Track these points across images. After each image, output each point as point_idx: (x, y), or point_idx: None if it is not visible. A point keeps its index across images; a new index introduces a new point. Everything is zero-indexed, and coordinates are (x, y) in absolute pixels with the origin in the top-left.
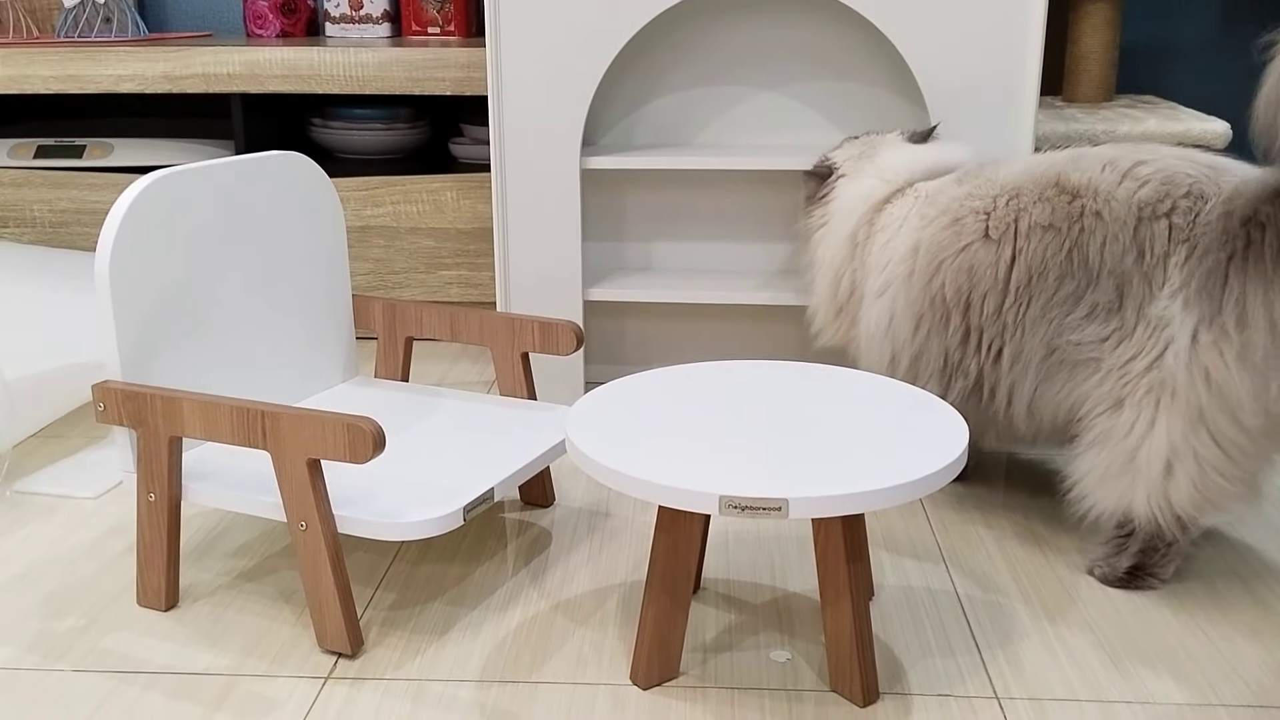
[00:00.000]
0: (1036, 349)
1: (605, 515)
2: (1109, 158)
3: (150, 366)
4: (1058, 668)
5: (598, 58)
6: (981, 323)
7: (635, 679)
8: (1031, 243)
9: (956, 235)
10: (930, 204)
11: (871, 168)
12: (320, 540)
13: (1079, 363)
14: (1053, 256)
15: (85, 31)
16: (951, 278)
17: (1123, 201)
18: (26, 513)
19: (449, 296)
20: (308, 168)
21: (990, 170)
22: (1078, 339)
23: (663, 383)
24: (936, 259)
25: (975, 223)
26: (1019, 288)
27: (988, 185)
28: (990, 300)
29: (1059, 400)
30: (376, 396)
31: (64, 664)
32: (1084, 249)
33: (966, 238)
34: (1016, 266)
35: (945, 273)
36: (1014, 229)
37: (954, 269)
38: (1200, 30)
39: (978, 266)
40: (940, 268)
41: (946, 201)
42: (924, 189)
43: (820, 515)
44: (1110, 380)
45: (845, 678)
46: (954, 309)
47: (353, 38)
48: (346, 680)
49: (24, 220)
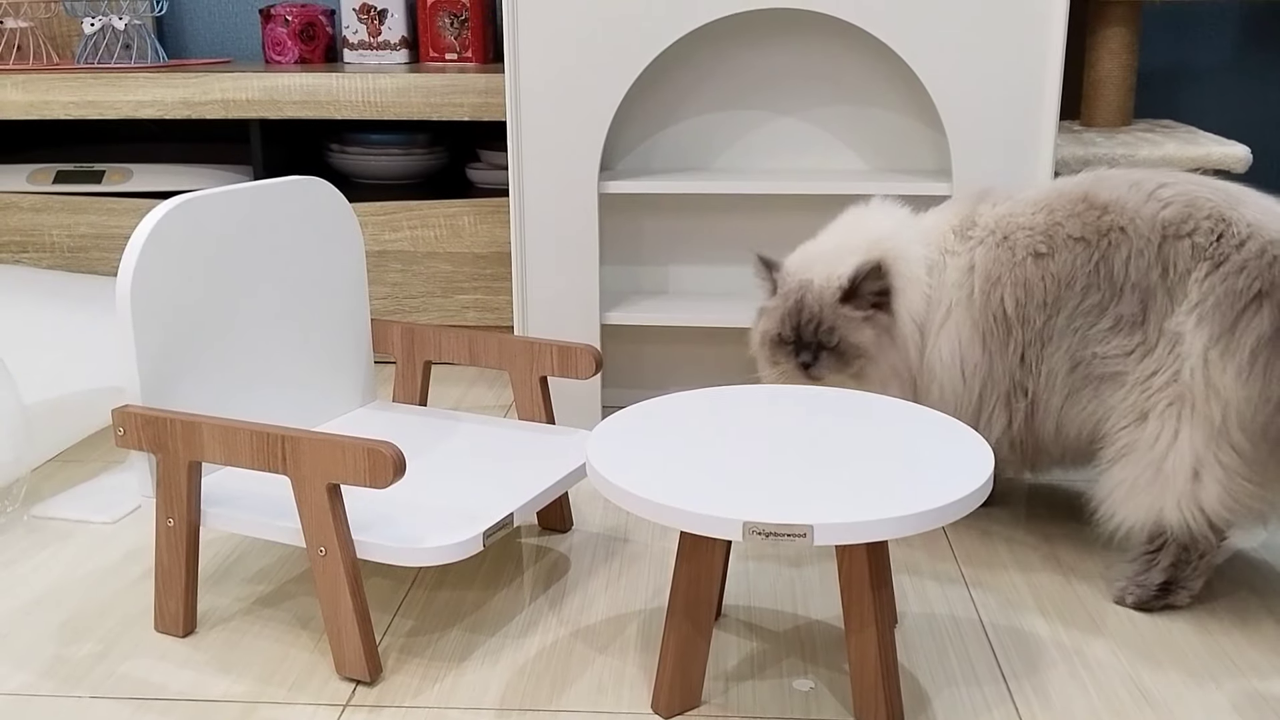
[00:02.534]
0: (1061, 361)
1: (624, 540)
2: (1134, 179)
3: (170, 391)
4: (1085, 697)
5: (616, 82)
6: (1029, 338)
7: (657, 708)
8: (1063, 254)
9: (1011, 251)
10: (967, 229)
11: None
12: (340, 566)
13: (1105, 377)
14: (1081, 267)
15: (105, 58)
16: (1010, 293)
17: (1148, 219)
18: (44, 537)
19: (466, 320)
20: (328, 192)
21: (1010, 193)
22: (1103, 352)
23: (683, 407)
24: (994, 275)
25: (1025, 239)
26: (1050, 299)
27: (1022, 205)
28: (1040, 315)
29: (1085, 416)
30: (395, 420)
31: (81, 690)
32: (1110, 262)
33: (1020, 253)
34: (1057, 280)
35: (1004, 288)
36: (1053, 242)
37: (1011, 283)
38: (1218, 54)
39: (1031, 281)
40: (999, 283)
41: (990, 222)
42: (942, 225)
43: (845, 542)
44: (1134, 393)
45: (870, 707)
46: (1014, 325)
47: (371, 64)
48: (365, 708)
49: (43, 245)
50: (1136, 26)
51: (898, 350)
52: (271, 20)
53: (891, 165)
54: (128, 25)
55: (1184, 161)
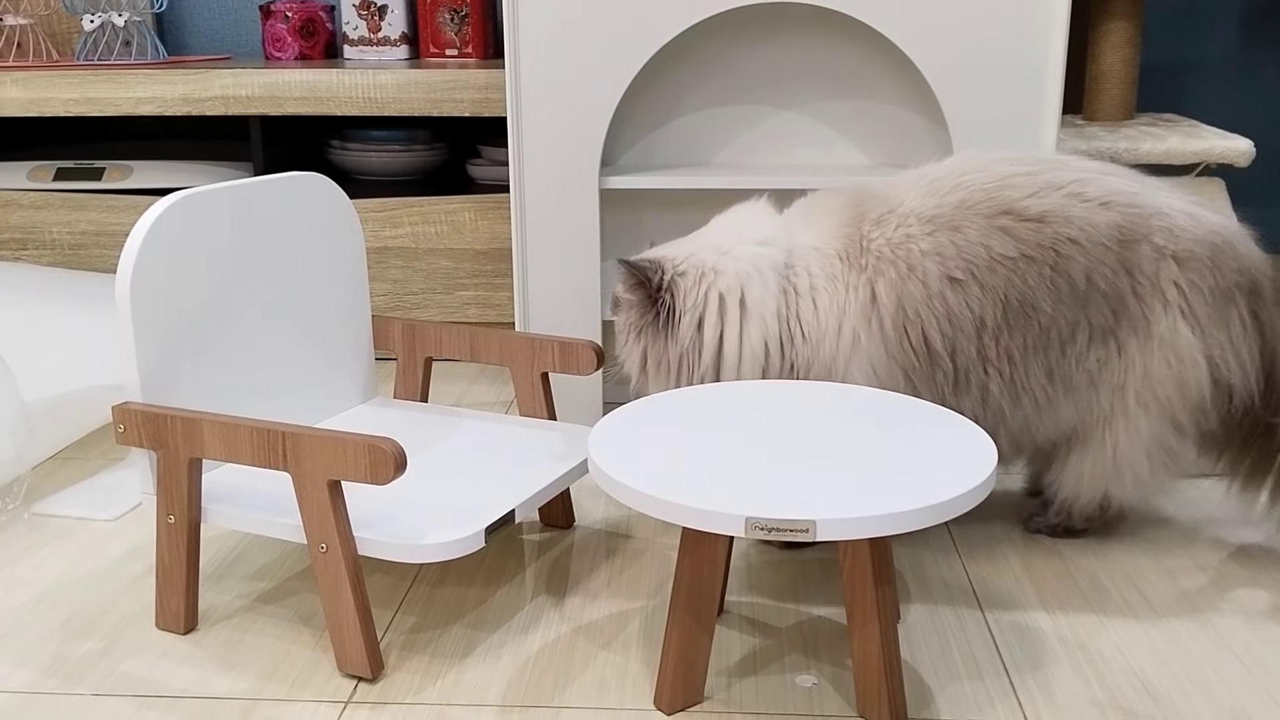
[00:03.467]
0: (1037, 378)
1: (626, 537)
2: (1046, 180)
3: (170, 388)
4: (1089, 692)
5: (617, 78)
6: (968, 364)
7: (659, 704)
8: (1001, 276)
9: (922, 284)
10: (854, 253)
11: (742, 246)
12: (341, 563)
13: (1078, 385)
14: (1038, 284)
15: (105, 54)
16: (933, 327)
17: (1101, 227)
18: (45, 535)
19: (467, 317)
20: (328, 189)
21: (887, 201)
22: (1080, 362)
23: (684, 402)
24: (908, 311)
25: (935, 267)
26: (999, 324)
27: (913, 223)
28: (972, 343)
29: (1057, 422)
30: (396, 417)
31: (82, 688)
32: (1068, 274)
33: (934, 284)
34: (991, 302)
35: (924, 323)
36: (974, 266)
37: (933, 317)
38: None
39: (955, 311)
40: (915, 320)
41: (884, 248)
42: (817, 242)
43: (849, 537)
44: (1104, 394)
45: (873, 702)
46: (941, 356)
47: (371, 60)
48: (367, 705)
49: (43, 242)
50: (1139, 20)
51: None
52: (271, 17)
53: (894, 160)
54: (127, 22)
55: (1188, 155)
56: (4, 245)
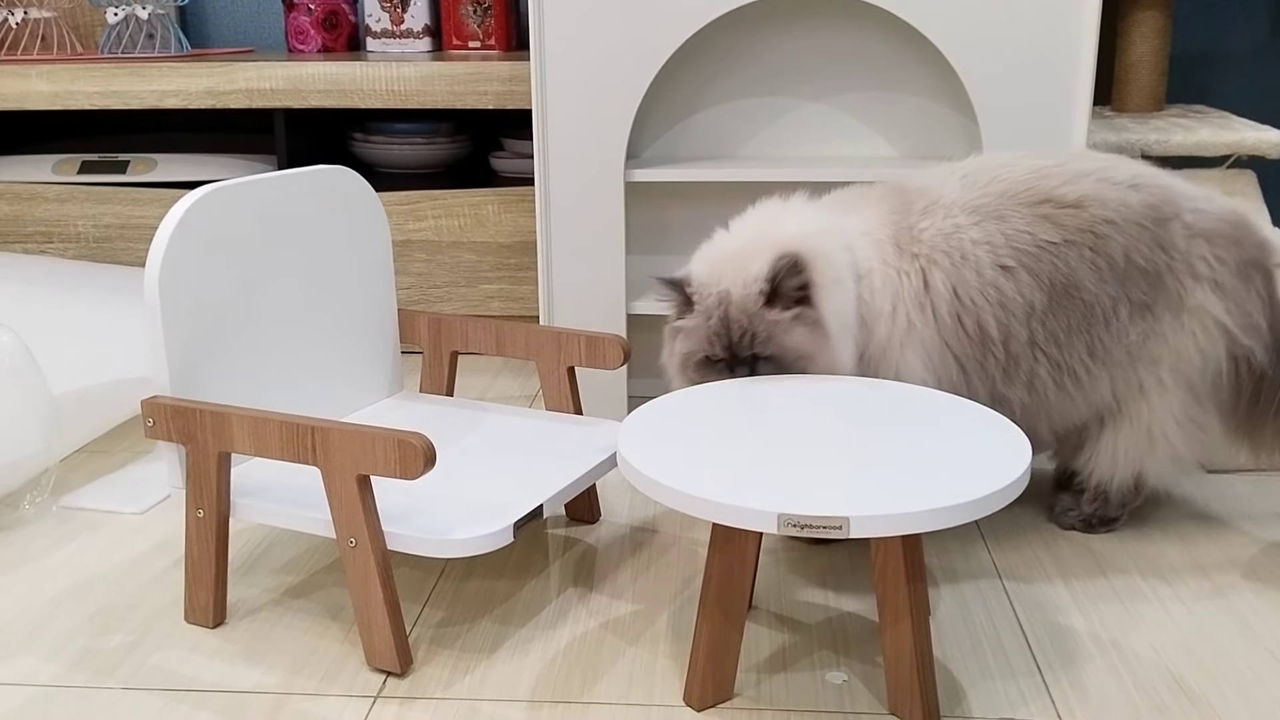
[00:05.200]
0: (1080, 357)
1: (652, 531)
2: (1075, 169)
3: (198, 381)
4: (1123, 690)
5: (642, 70)
6: (1020, 350)
7: (689, 700)
8: (1046, 261)
9: (976, 272)
10: (905, 241)
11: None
12: (370, 557)
13: (1119, 360)
14: (1079, 265)
15: (129, 48)
16: (989, 314)
17: (1135, 207)
18: (73, 528)
19: (490, 310)
20: (355, 182)
21: (929, 192)
22: (1121, 338)
23: (714, 397)
24: (964, 299)
25: (986, 255)
26: (1046, 308)
27: (959, 213)
28: (1024, 328)
29: (1094, 400)
30: (423, 411)
31: (112, 681)
32: (1107, 254)
33: (987, 272)
34: (1039, 288)
35: (980, 310)
36: (1022, 253)
37: (987, 304)
38: (1251, 37)
39: (1008, 296)
40: (971, 307)
41: (936, 238)
42: (865, 228)
43: (882, 534)
44: (1142, 368)
45: (905, 700)
46: (994, 343)
47: (394, 52)
48: (396, 699)
49: (68, 235)
50: (1169, 10)
51: (830, 345)
52: (294, 9)
53: (921, 152)
54: (151, 15)
55: (1219, 146)
56: (30, 238)
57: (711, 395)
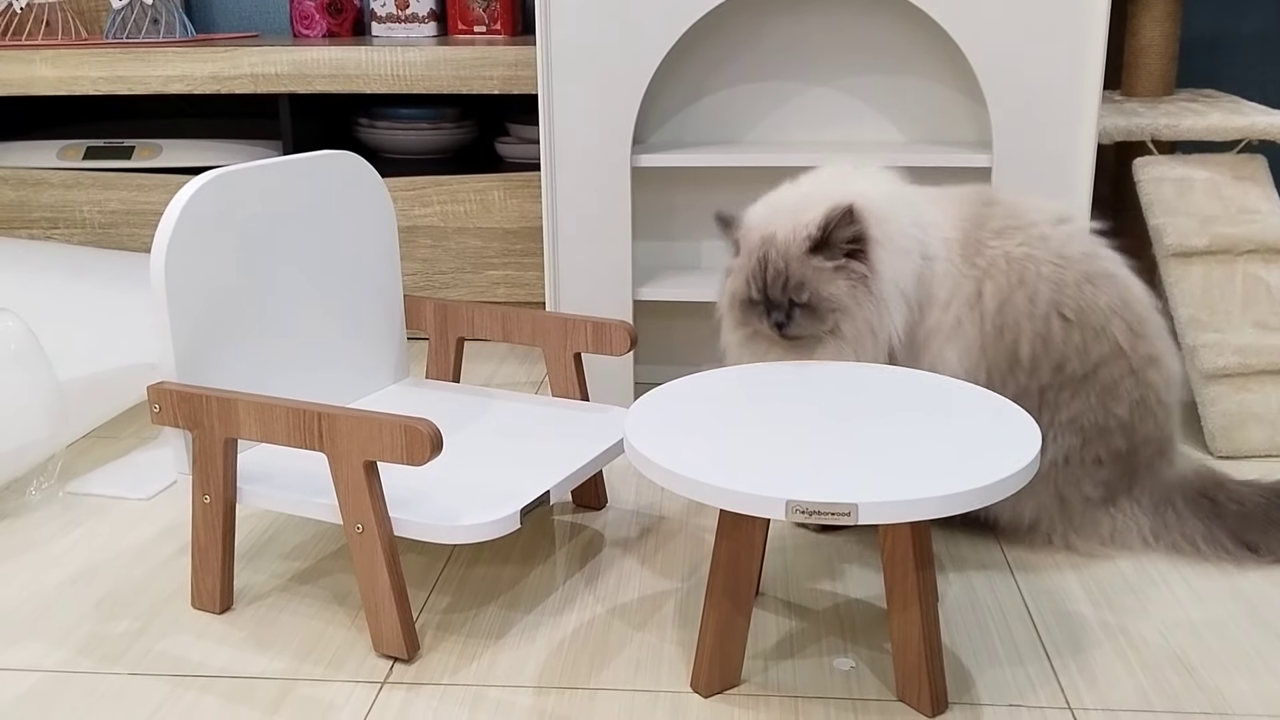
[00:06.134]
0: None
1: (658, 518)
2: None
3: (204, 367)
4: (1132, 677)
5: (649, 54)
6: (1035, 385)
7: (696, 686)
8: (1091, 324)
9: (1030, 301)
10: (970, 250)
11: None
12: (376, 543)
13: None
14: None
15: (133, 33)
16: (1027, 340)
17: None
18: (79, 514)
19: (496, 296)
20: (360, 167)
21: (1019, 224)
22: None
23: (721, 383)
24: (1009, 319)
25: (1048, 293)
26: (1078, 362)
27: (1038, 243)
28: (1056, 373)
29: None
30: (429, 397)
31: (119, 667)
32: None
33: (1042, 306)
34: (1079, 357)
35: (1021, 333)
36: (1083, 312)
37: (1031, 333)
38: (1262, 21)
39: (1053, 339)
40: (1013, 328)
41: (1000, 256)
42: (940, 220)
43: (891, 520)
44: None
45: (913, 687)
46: (1021, 370)
47: (399, 37)
48: (403, 685)
49: (74, 221)
50: None
51: (875, 305)
52: None
53: (930, 136)
54: (155, 0)
55: (1229, 131)
56: (35, 224)
57: (719, 381)
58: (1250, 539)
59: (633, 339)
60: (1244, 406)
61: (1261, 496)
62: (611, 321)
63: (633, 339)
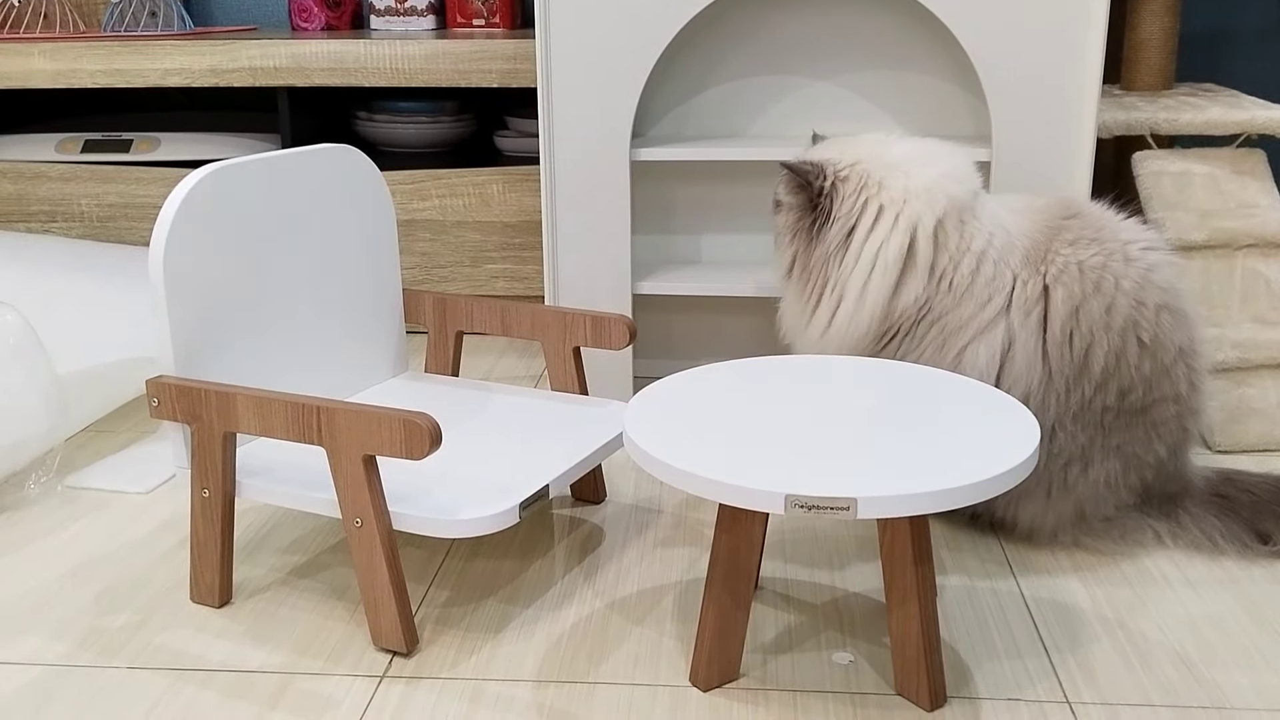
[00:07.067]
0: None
1: (657, 512)
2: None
3: (203, 361)
4: (1130, 672)
5: (649, 47)
6: (1105, 405)
7: (695, 680)
8: (1164, 352)
9: (1106, 312)
10: (1035, 256)
11: (924, 171)
12: (376, 537)
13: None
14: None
15: (131, 26)
16: (1101, 353)
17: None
18: (78, 508)
19: (495, 290)
20: (359, 161)
21: (1099, 238)
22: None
23: (720, 378)
24: (1081, 324)
25: (1126, 308)
26: (1132, 405)
27: (1118, 261)
28: (1119, 396)
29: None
30: (428, 392)
31: (118, 661)
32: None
33: (1119, 320)
34: (1142, 383)
35: (1093, 342)
36: (1162, 343)
37: (1105, 347)
38: (1261, 16)
39: (1128, 357)
40: (1086, 335)
41: (1073, 264)
42: (999, 211)
43: (890, 515)
44: None
45: (912, 681)
46: (1086, 379)
47: (397, 30)
48: (402, 679)
49: (72, 214)
50: None
51: (813, 258)
52: None
53: (929, 130)
54: None
55: (1228, 126)
56: (33, 217)
57: (719, 375)
58: (1263, 528)
59: (632, 333)
60: (1243, 401)
61: (1273, 485)
62: (611, 316)
63: (632, 333)
